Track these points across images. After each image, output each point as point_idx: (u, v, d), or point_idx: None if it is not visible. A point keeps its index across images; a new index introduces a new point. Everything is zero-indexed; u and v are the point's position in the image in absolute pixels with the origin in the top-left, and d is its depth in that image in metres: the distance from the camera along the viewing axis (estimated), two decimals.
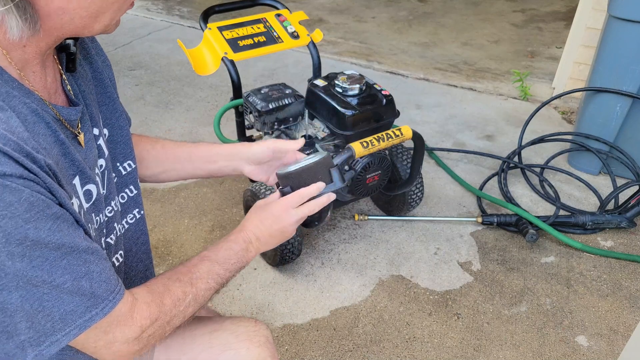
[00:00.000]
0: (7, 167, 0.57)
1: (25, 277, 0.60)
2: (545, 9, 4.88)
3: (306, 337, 1.72)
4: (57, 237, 0.62)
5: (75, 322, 0.66)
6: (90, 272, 0.67)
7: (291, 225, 0.97)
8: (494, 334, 1.74)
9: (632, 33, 2.13)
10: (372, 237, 2.14)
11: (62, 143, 0.70)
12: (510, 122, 3.01)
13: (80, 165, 0.74)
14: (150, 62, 3.66)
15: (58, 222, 0.63)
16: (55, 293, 0.63)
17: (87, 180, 0.76)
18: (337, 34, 4.30)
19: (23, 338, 0.63)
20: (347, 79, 1.77)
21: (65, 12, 0.64)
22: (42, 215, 0.60)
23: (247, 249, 0.93)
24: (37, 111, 0.67)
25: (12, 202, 0.57)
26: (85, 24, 0.67)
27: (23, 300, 0.61)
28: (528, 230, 2.03)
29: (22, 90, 0.66)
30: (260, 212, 0.97)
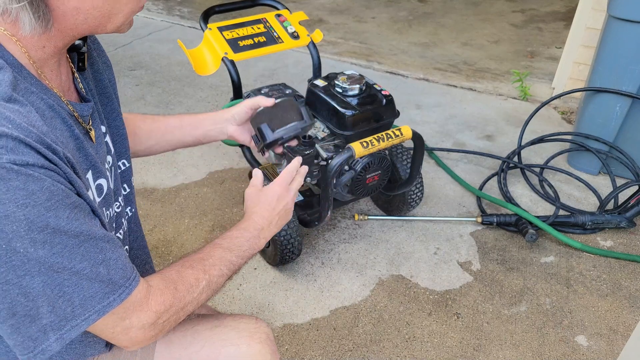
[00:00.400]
0: (30, 157, 0.60)
1: (47, 264, 0.63)
2: (545, 9, 4.88)
3: (306, 336, 1.73)
4: (75, 225, 0.64)
5: (94, 307, 0.68)
6: (107, 259, 0.69)
7: (292, 201, 1.05)
8: (494, 333, 1.75)
9: (631, 33, 2.14)
10: (372, 237, 2.15)
11: (76, 138, 0.74)
12: (510, 122, 3.01)
13: (92, 160, 0.77)
14: (151, 62, 3.67)
15: (76, 211, 0.65)
16: (75, 279, 0.65)
17: (99, 174, 0.79)
18: (337, 34, 4.30)
19: (45, 322, 0.65)
20: (347, 79, 1.78)
21: (80, 12, 0.67)
22: (61, 204, 0.63)
23: (258, 235, 0.97)
24: (53, 107, 0.70)
25: (34, 191, 0.60)
26: (99, 23, 0.71)
27: (45, 285, 0.63)
28: (528, 230, 2.04)
29: (40, 87, 0.69)
30: (262, 197, 1.02)
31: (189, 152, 2.68)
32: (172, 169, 2.55)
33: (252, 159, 2.21)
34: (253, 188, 1.05)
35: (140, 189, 2.39)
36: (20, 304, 0.63)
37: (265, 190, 1.03)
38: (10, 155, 0.58)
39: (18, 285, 0.62)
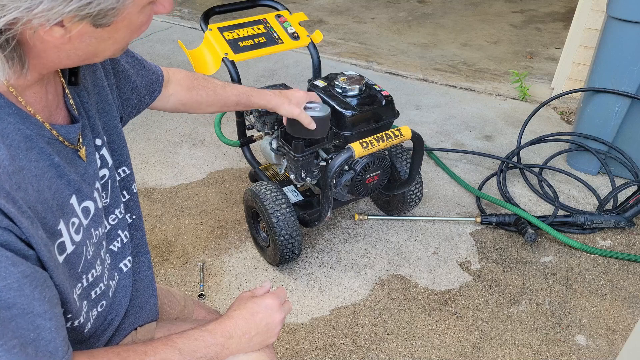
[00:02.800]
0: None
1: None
2: (544, 9, 4.89)
3: (306, 336, 1.73)
4: (9, 295, 0.59)
5: None
6: (39, 339, 0.63)
7: (281, 322, 0.91)
8: (493, 333, 1.75)
9: (630, 34, 2.14)
10: (372, 236, 2.15)
11: (56, 166, 0.69)
12: (509, 122, 3.02)
13: (77, 185, 0.74)
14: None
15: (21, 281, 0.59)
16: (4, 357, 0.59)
17: (84, 197, 0.76)
18: (337, 34, 4.31)
19: None
20: (346, 80, 1.78)
21: (61, 50, 0.64)
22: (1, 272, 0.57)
23: (223, 345, 0.83)
24: (31, 137, 0.66)
25: None
26: (84, 59, 0.68)
27: None
28: (527, 230, 2.04)
29: (19, 115, 0.65)
30: (250, 303, 0.89)
31: (189, 152, 2.69)
32: (172, 169, 2.56)
33: (252, 159, 2.21)
34: (248, 292, 0.93)
35: (140, 189, 2.40)
36: None
37: (257, 298, 0.90)
38: None
39: None
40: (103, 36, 0.64)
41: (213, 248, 2.09)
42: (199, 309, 1.23)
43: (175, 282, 1.94)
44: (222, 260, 2.03)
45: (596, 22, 2.76)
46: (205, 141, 2.79)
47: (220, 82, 1.34)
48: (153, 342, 0.78)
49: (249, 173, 2.36)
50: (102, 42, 0.65)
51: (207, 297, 1.87)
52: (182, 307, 1.18)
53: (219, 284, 1.93)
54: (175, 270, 1.98)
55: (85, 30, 0.61)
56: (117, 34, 0.66)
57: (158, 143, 2.77)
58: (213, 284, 1.93)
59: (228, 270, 1.99)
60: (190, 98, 1.23)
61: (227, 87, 1.36)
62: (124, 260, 0.91)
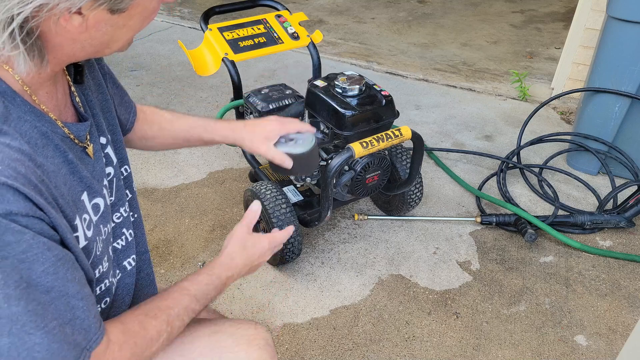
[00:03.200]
0: (15, 206, 0.58)
1: (20, 322, 0.59)
2: (544, 9, 4.89)
3: (306, 336, 1.73)
4: (48, 280, 0.61)
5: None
6: (74, 318, 0.65)
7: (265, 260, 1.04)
8: (493, 333, 1.75)
9: (630, 34, 2.14)
10: (372, 236, 2.15)
11: (70, 162, 0.72)
12: (509, 122, 3.02)
13: (88, 181, 0.75)
14: (151, 63, 3.67)
15: (56, 265, 0.62)
16: (46, 342, 0.61)
17: (95, 194, 0.77)
18: (337, 34, 4.31)
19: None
20: (346, 80, 1.78)
21: (77, 41, 0.66)
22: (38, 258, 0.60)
23: (225, 283, 0.94)
24: (47, 134, 0.68)
25: (10, 242, 0.57)
26: (97, 51, 0.70)
27: (11, 347, 0.59)
28: (527, 230, 2.04)
29: (34, 113, 0.67)
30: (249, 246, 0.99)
31: (189, 152, 2.68)
32: (172, 169, 2.56)
33: (252, 159, 2.22)
34: (244, 228, 1.01)
35: (140, 189, 2.40)
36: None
37: (254, 241, 1.00)
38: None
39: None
40: (118, 23, 0.67)
41: (213, 248, 2.09)
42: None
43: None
44: None
45: (596, 22, 2.76)
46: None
47: (168, 116, 1.17)
48: (171, 294, 0.85)
49: (249, 173, 2.36)
50: (117, 30, 0.68)
51: None
52: None
53: None
54: (175, 270, 1.98)
55: (102, 18, 0.64)
56: (131, 20, 0.68)
57: None
58: None
59: None
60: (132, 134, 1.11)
61: (175, 121, 1.16)
62: (128, 259, 0.92)
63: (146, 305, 0.82)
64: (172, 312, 0.82)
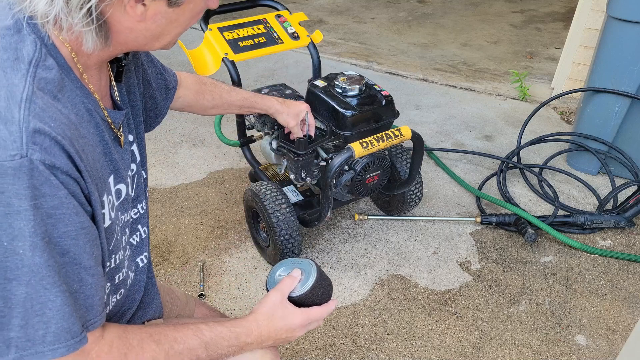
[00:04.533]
0: (59, 161, 0.61)
1: (39, 275, 0.61)
2: (544, 9, 4.89)
3: (306, 336, 1.73)
4: (66, 242, 0.63)
5: (67, 342, 0.65)
6: (80, 291, 0.66)
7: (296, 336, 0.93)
8: (493, 333, 1.75)
9: (630, 34, 2.14)
10: (372, 236, 2.15)
11: (105, 143, 0.75)
12: (509, 122, 3.02)
13: (116, 165, 0.78)
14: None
15: (78, 232, 0.64)
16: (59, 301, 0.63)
17: (120, 179, 0.80)
18: (337, 34, 4.31)
19: (12, 335, 0.62)
20: (346, 80, 1.78)
21: (133, 31, 0.71)
22: (64, 218, 0.62)
23: (242, 348, 0.87)
24: (91, 111, 0.72)
25: (45, 194, 0.60)
26: (147, 42, 0.75)
27: (27, 298, 0.61)
28: (527, 230, 2.04)
29: (83, 90, 0.71)
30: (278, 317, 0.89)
31: (189, 152, 2.69)
32: (172, 169, 2.56)
33: (252, 159, 2.21)
34: (278, 295, 0.91)
35: None
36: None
37: (285, 313, 0.90)
38: (43, 154, 0.59)
39: (2, 287, 0.60)
40: (172, 17, 0.72)
41: (213, 248, 2.09)
42: (200, 307, 1.25)
43: (175, 282, 1.94)
44: (222, 260, 2.03)
45: (596, 22, 2.76)
46: (205, 141, 2.79)
47: (226, 87, 1.43)
48: (183, 329, 0.81)
49: (249, 173, 2.36)
50: (169, 23, 0.73)
51: (207, 297, 1.87)
52: (183, 304, 1.20)
53: (219, 284, 1.93)
54: (175, 270, 1.98)
55: (160, 9, 0.69)
56: (182, 16, 0.74)
57: (158, 143, 2.77)
58: (213, 284, 1.93)
59: (228, 270, 1.99)
60: (196, 101, 1.30)
61: (232, 92, 1.45)
62: (140, 256, 0.94)
63: (154, 328, 0.80)
64: (175, 346, 0.78)
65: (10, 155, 0.58)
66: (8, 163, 0.58)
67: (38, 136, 0.59)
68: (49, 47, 0.67)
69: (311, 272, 0.94)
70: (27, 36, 0.65)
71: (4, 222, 0.58)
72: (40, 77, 0.64)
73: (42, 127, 0.60)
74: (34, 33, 0.65)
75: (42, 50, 0.66)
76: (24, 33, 0.65)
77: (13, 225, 0.59)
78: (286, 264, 0.99)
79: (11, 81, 0.62)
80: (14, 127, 0.59)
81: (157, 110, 1.08)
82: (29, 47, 0.65)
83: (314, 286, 0.93)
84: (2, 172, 0.58)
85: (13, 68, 0.63)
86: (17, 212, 0.58)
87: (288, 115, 1.62)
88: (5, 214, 0.58)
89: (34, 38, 0.65)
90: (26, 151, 0.58)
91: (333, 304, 0.96)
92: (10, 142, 0.58)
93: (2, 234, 0.59)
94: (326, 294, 0.97)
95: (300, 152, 1.73)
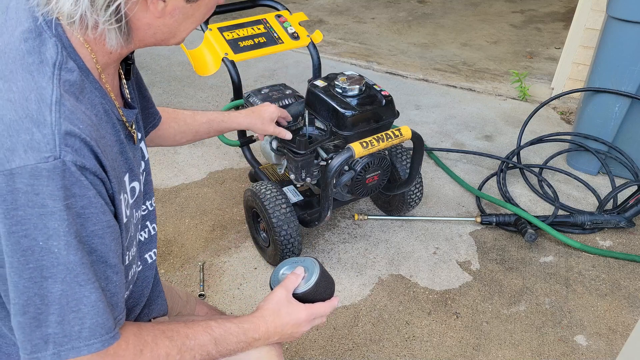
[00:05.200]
0: (88, 162, 0.63)
1: (74, 272, 0.63)
2: (544, 9, 4.89)
3: (306, 336, 1.73)
4: (94, 241, 0.65)
5: (102, 337, 0.67)
6: (106, 289, 0.68)
7: (302, 333, 0.96)
8: (493, 333, 1.75)
9: (630, 34, 2.14)
10: (372, 236, 2.15)
11: (121, 142, 0.76)
12: (509, 122, 3.02)
13: (131, 164, 0.79)
14: (151, 63, 3.67)
15: (105, 230, 0.66)
16: (93, 298, 0.65)
17: (134, 177, 0.81)
18: (337, 34, 4.31)
19: (50, 331, 0.64)
20: (346, 80, 1.78)
21: (151, 27, 0.72)
22: (92, 217, 0.64)
23: (250, 344, 0.89)
24: (108, 112, 0.73)
25: (75, 194, 0.62)
26: (165, 38, 0.76)
27: (62, 294, 0.63)
28: (527, 230, 2.04)
29: (101, 91, 0.73)
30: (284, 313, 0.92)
31: (189, 152, 2.69)
32: (172, 169, 2.56)
33: (252, 159, 2.21)
34: (283, 292, 0.94)
35: None
36: (34, 304, 0.63)
37: (290, 309, 0.93)
38: (74, 155, 0.61)
39: (39, 285, 0.62)
40: (188, 12, 0.73)
41: (213, 248, 2.09)
42: (201, 306, 1.25)
43: (175, 282, 1.94)
44: (222, 260, 2.03)
45: (596, 22, 2.76)
46: (205, 141, 2.79)
47: (188, 112, 1.35)
48: (194, 326, 0.83)
49: (249, 173, 2.36)
50: (185, 19, 0.74)
51: (207, 297, 1.87)
52: (184, 303, 1.20)
53: (219, 284, 1.93)
54: (175, 270, 1.98)
55: (178, 5, 0.71)
56: (198, 11, 0.75)
57: None
58: (213, 284, 1.93)
59: (228, 270, 1.99)
60: (163, 131, 1.24)
61: (196, 115, 1.37)
62: (149, 252, 0.95)
63: (166, 324, 0.82)
64: (187, 342, 0.80)
65: (45, 157, 0.59)
66: (42, 165, 0.59)
67: (69, 138, 0.61)
68: (68, 50, 0.68)
69: (314, 269, 0.98)
70: (48, 39, 0.66)
71: (39, 222, 0.60)
72: (65, 79, 0.65)
73: (73, 129, 0.62)
74: (54, 36, 0.66)
75: (63, 52, 0.67)
76: (45, 36, 0.66)
77: (48, 226, 0.60)
78: (289, 262, 1.02)
79: (39, 84, 0.63)
80: (46, 130, 0.60)
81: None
82: (51, 50, 0.66)
83: (317, 282, 0.96)
84: (37, 174, 0.59)
85: (39, 71, 0.64)
86: (51, 212, 0.60)
87: (262, 124, 1.58)
88: (40, 214, 0.60)
89: (55, 41, 0.66)
90: (59, 153, 0.60)
91: (336, 300, 1.00)
92: (44, 144, 0.60)
93: (38, 234, 0.60)
94: (329, 290, 1.01)
95: (300, 152, 1.73)
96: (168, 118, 1.26)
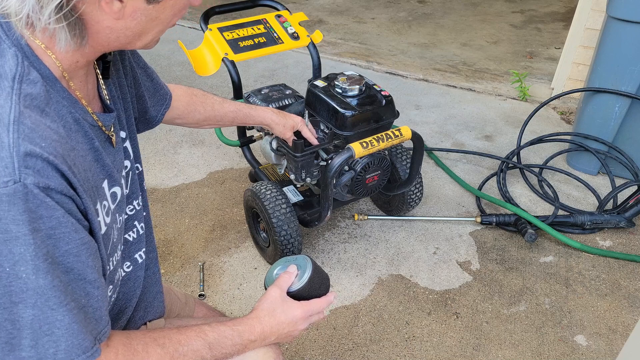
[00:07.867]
0: (53, 182, 0.60)
1: (45, 296, 0.61)
2: (544, 9, 4.89)
3: (306, 336, 1.73)
4: (69, 260, 0.63)
5: (79, 357, 0.65)
6: (88, 305, 0.67)
7: (300, 332, 0.95)
8: (493, 333, 1.75)
9: (630, 34, 2.14)
10: (372, 236, 2.15)
11: (96, 150, 0.74)
12: (509, 122, 3.02)
13: (109, 170, 0.77)
14: (151, 63, 3.64)
15: (79, 248, 0.64)
16: (67, 320, 0.63)
17: (114, 183, 0.79)
18: (337, 34, 4.31)
19: (24, 355, 0.63)
20: (346, 80, 1.78)
21: (113, 31, 0.69)
22: (64, 237, 0.62)
23: (246, 346, 0.88)
24: (79, 120, 0.71)
25: (42, 216, 0.59)
26: (129, 41, 0.73)
27: (34, 319, 0.61)
28: (527, 230, 2.04)
29: (70, 99, 0.70)
30: (279, 312, 0.91)
31: (189, 152, 2.69)
32: (172, 169, 2.56)
33: (252, 159, 2.21)
34: (277, 291, 0.93)
35: None
36: (5, 329, 0.61)
37: (285, 308, 0.92)
38: (36, 177, 0.58)
39: (9, 310, 0.60)
40: (152, 14, 0.70)
41: (213, 248, 2.09)
42: (200, 307, 1.25)
43: (175, 282, 1.94)
44: (222, 260, 2.03)
45: (596, 22, 2.76)
46: (205, 141, 2.79)
47: (218, 99, 1.38)
48: (186, 331, 0.82)
49: (249, 173, 2.36)
50: (150, 21, 0.71)
51: (207, 297, 1.87)
52: (183, 304, 1.20)
53: (219, 284, 1.93)
54: (175, 270, 1.98)
55: (138, 7, 0.67)
56: (163, 13, 0.71)
57: (158, 143, 2.77)
58: (213, 284, 1.93)
59: (228, 270, 1.99)
60: (187, 113, 1.26)
61: (224, 103, 1.40)
62: (139, 252, 0.94)
63: (157, 332, 0.81)
64: (180, 349, 0.79)
65: (4, 182, 0.57)
66: (2, 190, 0.57)
67: (30, 159, 0.58)
68: (31, 59, 0.65)
69: (307, 266, 0.97)
70: (7, 50, 0.63)
71: (4, 248, 0.58)
72: (26, 93, 0.62)
73: (33, 149, 0.59)
74: (14, 45, 0.64)
75: (24, 63, 0.64)
76: (3, 47, 0.63)
77: (13, 251, 0.58)
78: (282, 262, 1.02)
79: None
80: (4, 153, 0.58)
81: (146, 114, 1.06)
82: (10, 62, 0.63)
83: (311, 279, 0.96)
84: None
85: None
86: (15, 237, 0.58)
87: (284, 127, 1.63)
88: (4, 240, 0.58)
89: (15, 51, 0.64)
90: (19, 176, 0.57)
91: (332, 295, 0.99)
92: (2, 168, 0.57)
93: (4, 260, 0.59)
94: (324, 286, 1.00)
95: (296, 155, 1.73)
96: (196, 102, 1.28)
